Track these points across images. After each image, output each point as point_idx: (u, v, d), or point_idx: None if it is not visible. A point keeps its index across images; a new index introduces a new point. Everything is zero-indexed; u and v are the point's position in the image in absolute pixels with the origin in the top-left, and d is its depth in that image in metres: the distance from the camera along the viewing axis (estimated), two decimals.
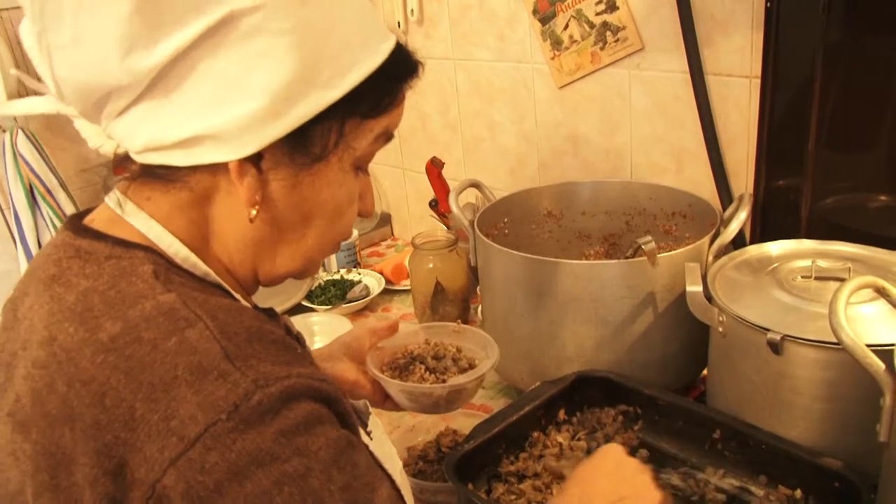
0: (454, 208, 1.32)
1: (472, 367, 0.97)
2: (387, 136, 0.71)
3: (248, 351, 0.58)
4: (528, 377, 1.20)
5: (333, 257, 1.82)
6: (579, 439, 1.07)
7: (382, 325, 1.01)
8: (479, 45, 1.64)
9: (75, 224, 0.66)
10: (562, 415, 1.10)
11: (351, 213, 0.72)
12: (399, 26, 1.78)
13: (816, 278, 1.00)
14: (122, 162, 0.65)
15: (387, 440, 0.82)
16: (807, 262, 1.03)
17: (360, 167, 0.71)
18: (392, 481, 0.68)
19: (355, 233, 1.88)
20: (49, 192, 1.90)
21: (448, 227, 1.65)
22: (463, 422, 1.18)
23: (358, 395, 0.96)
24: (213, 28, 0.57)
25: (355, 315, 1.65)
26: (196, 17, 0.57)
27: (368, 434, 0.76)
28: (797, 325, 0.91)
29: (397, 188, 2.05)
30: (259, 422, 0.55)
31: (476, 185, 1.42)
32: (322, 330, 1.49)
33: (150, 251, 0.63)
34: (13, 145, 1.84)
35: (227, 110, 0.59)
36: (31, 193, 2.01)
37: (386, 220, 2.11)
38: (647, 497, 0.80)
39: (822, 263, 1.01)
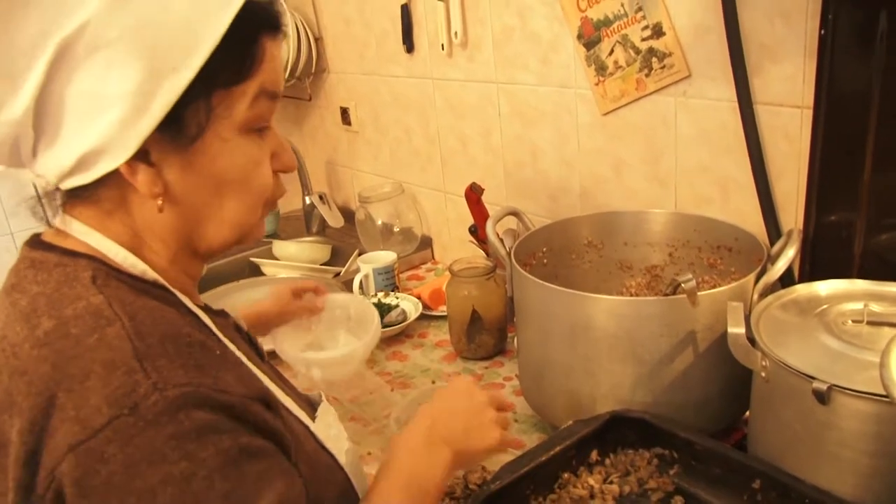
0: (491, 237, 1.29)
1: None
2: (269, 95, 0.73)
3: (157, 351, 0.63)
4: (563, 413, 1.16)
5: (371, 280, 1.80)
6: (611, 482, 1.03)
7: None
8: (521, 68, 1.61)
9: (32, 240, 0.75)
10: (594, 456, 1.05)
11: (260, 175, 0.75)
12: (443, 48, 1.77)
13: (868, 323, 0.94)
14: (52, 193, 0.73)
15: (334, 424, 0.88)
16: (858, 305, 0.97)
17: (255, 129, 0.74)
18: (331, 462, 0.80)
19: (394, 255, 1.86)
20: None
21: (488, 254, 1.63)
22: (493, 458, 1.14)
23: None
24: (55, 61, 0.63)
25: (391, 341, 1.63)
26: (36, 57, 0.63)
27: (314, 419, 0.84)
28: (846, 374, 0.86)
29: (438, 212, 2.04)
30: (155, 422, 0.59)
31: (515, 213, 1.39)
32: None
33: (94, 259, 0.70)
34: None
35: (98, 123, 0.65)
36: None
37: (427, 242, 2.10)
38: (489, 434, 0.90)
39: (874, 307, 0.96)
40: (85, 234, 0.72)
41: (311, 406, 0.87)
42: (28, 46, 0.63)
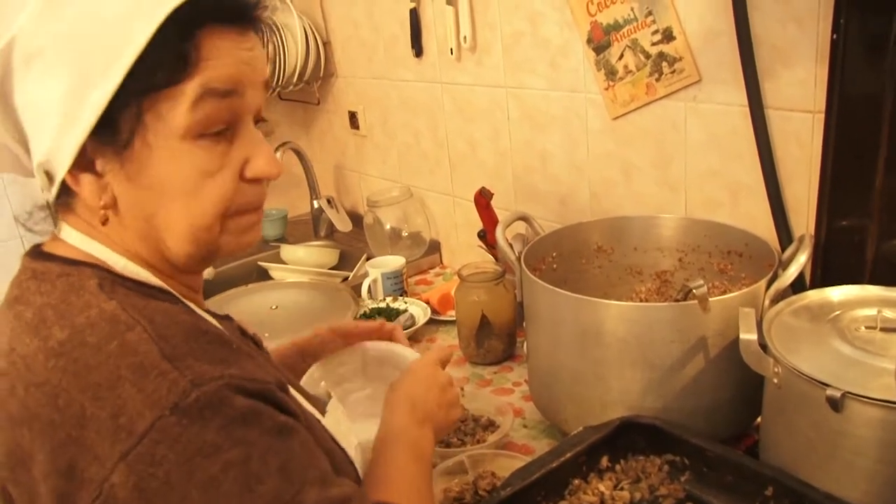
0: (501, 242, 1.28)
1: None
2: (218, 94, 0.67)
3: (184, 350, 0.63)
4: (572, 419, 1.16)
5: (380, 285, 1.80)
6: (622, 489, 1.03)
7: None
8: (531, 73, 1.61)
9: (33, 250, 0.74)
10: (605, 462, 1.05)
11: (212, 184, 0.69)
12: (452, 53, 1.76)
13: (882, 329, 0.93)
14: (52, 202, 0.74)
15: (343, 420, 0.89)
16: (871, 311, 0.97)
17: (211, 134, 0.68)
18: (343, 457, 0.80)
19: (402, 259, 1.86)
20: None
21: (497, 259, 1.62)
22: (503, 463, 1.14)
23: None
24: (1, 73, 0.65)
25: None
26: None
27: (324, 414, 0.85)
28: (859, 381, 0.85)
29: (447, 216, 2.03)
30: (200, 416, 0.60)
31: (524, 217, 1.39)
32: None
33: (96, 267, 0.70)
34: None
35: (44, 133, 0.66)
36: None
37: (435, 247, 2.09)
38: (454, 411, 0.98)
39: (888, 313, 0.95)
40: (83, 242, 0.71)
41: (320, 404, 0.88)
42: None
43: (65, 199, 0.71)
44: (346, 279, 1.98)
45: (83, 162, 0.66)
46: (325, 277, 1.99)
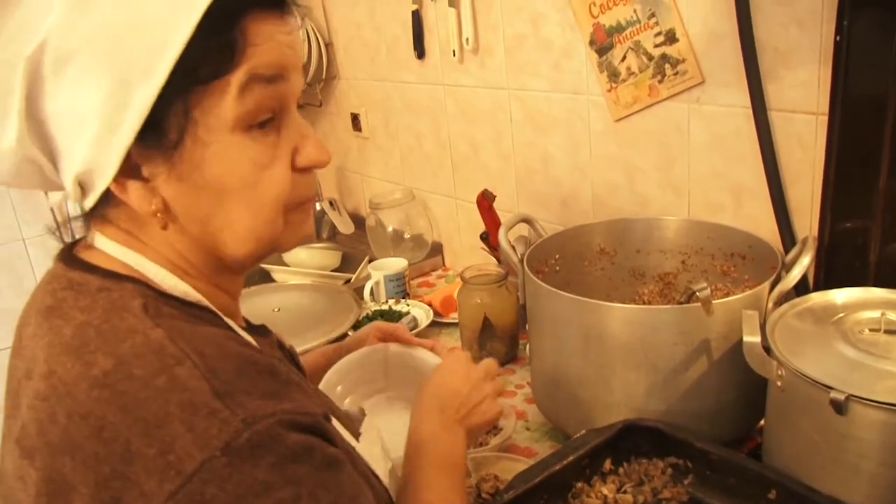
0: (504, 244, 1.28)
1: None
2: (265, 79, 0.64)
3: (235, 386, 0.61)
4: (575, 422, 1.15)
5: (382, 287, 1.80)
6: (625, 492, 1.02)
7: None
8: (533, 75, 1.61)
9: (67, 255, 0.70)
10: (608, 465, 1.05)
11: (268, 177, 0.67)
12: (454, 55, 1.76)
13: (886, 332, 0.93)
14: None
15: (377, 442, 0.86)
16: (875, 314, 0.96)
17: (258, 124, 0.65)
18: (377, 485, 0.77)
19: (404, 262, 1.86)
20: None
21: (499, 261, 1.62)
22: (505, 466, 1.14)
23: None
24: (29, 83, 0.61)
25: None
26: (12, 81, 0.60)
27: (358, 437, 0.82)
28: (864, 384, 0.85)
29: (449, 218, 2.03)
30: (251, 456, 0.58)
31: (527, 220, 1.38)
32: None
33: (139, 283, 0.66)
34: None
35: (81, 141, 0.62)
36: None
37: (437, 249, 2.09)
38: (490, 408, 0.97)
39: (892, 316, 0.95)
40: (120, 253, 0.68)
41: (354, 424, 0.85)
42: (4, 73, 0.61)
43: (101, 209, 0.68)
44: (348, 281, 1.98)
45: (128, 168, 0.63)
46: (328, 280, 1.99)
